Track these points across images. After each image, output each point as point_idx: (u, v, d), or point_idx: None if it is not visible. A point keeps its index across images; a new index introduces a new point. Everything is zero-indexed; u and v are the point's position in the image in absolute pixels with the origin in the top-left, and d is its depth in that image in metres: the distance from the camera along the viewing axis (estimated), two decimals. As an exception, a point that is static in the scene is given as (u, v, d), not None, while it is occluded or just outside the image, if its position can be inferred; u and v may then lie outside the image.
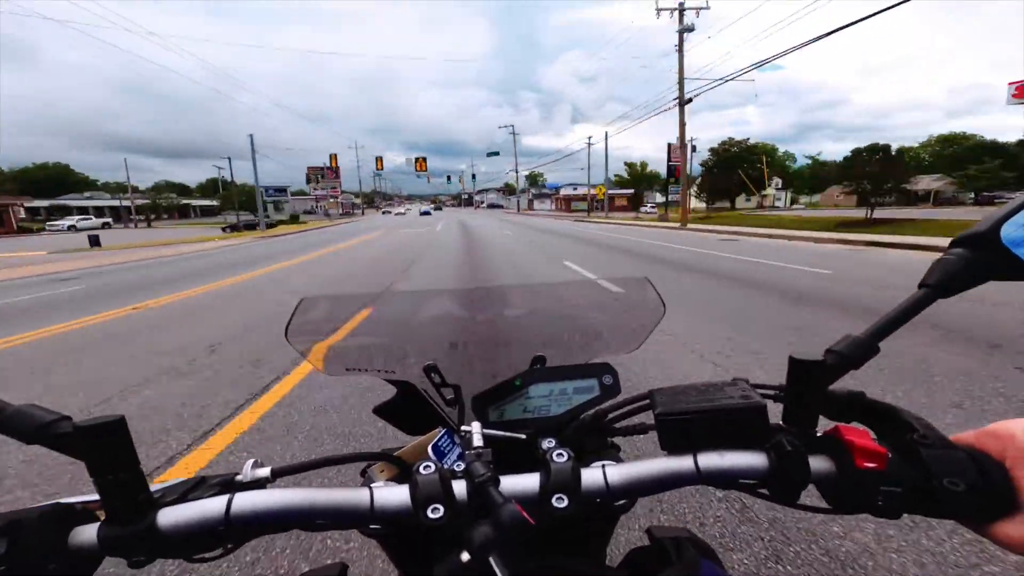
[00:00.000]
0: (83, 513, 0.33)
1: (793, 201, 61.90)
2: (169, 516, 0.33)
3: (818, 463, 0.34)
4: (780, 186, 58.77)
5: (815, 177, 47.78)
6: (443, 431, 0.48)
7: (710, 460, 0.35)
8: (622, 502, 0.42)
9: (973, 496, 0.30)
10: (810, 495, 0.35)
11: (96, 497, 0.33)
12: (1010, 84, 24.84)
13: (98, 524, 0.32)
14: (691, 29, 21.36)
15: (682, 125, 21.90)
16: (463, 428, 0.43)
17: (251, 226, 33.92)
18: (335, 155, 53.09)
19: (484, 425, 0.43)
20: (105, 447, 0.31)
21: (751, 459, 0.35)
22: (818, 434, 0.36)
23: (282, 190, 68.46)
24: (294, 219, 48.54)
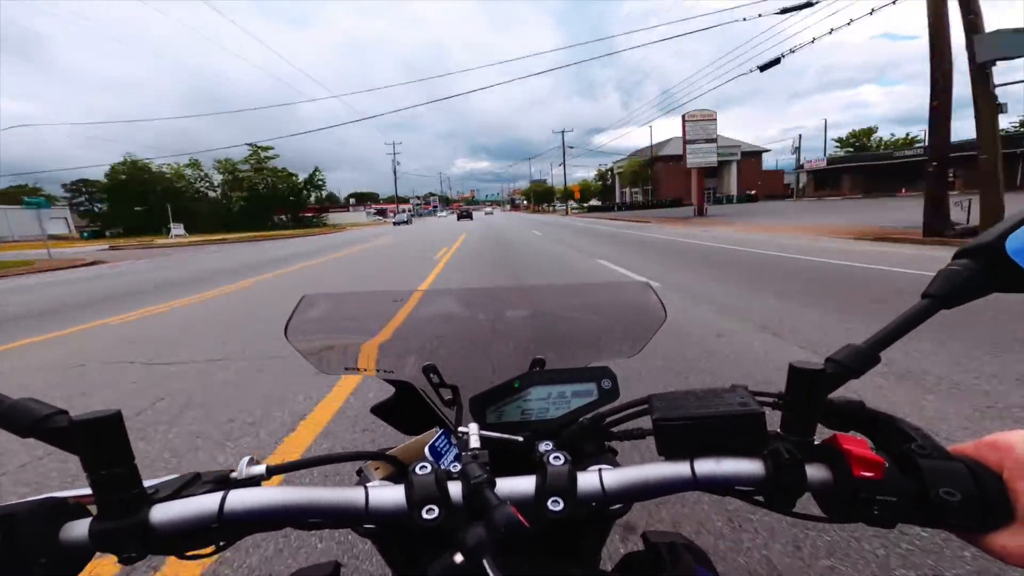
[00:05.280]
0: (75, 508, 0.33)
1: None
2: (162, 512, 0.32)
3: (815, 471, 0.34)
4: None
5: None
6: (440, 432, 0.47)
7: (707, 466, 0.35)
8: (618, 506, 0.42)
9: (968, 507, 0.30)
10: (806, 503, 0.34)
11: (88, 491, 0.32)
12: None
13: (90, 519, 0.32)
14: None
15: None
16: (461, 429, 0.43)
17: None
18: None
19: (482, 426, 0.43)
20: (101, 442, 0.31)
21: (748, 466, 0.35)
22: (816, 442, 0.35)
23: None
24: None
